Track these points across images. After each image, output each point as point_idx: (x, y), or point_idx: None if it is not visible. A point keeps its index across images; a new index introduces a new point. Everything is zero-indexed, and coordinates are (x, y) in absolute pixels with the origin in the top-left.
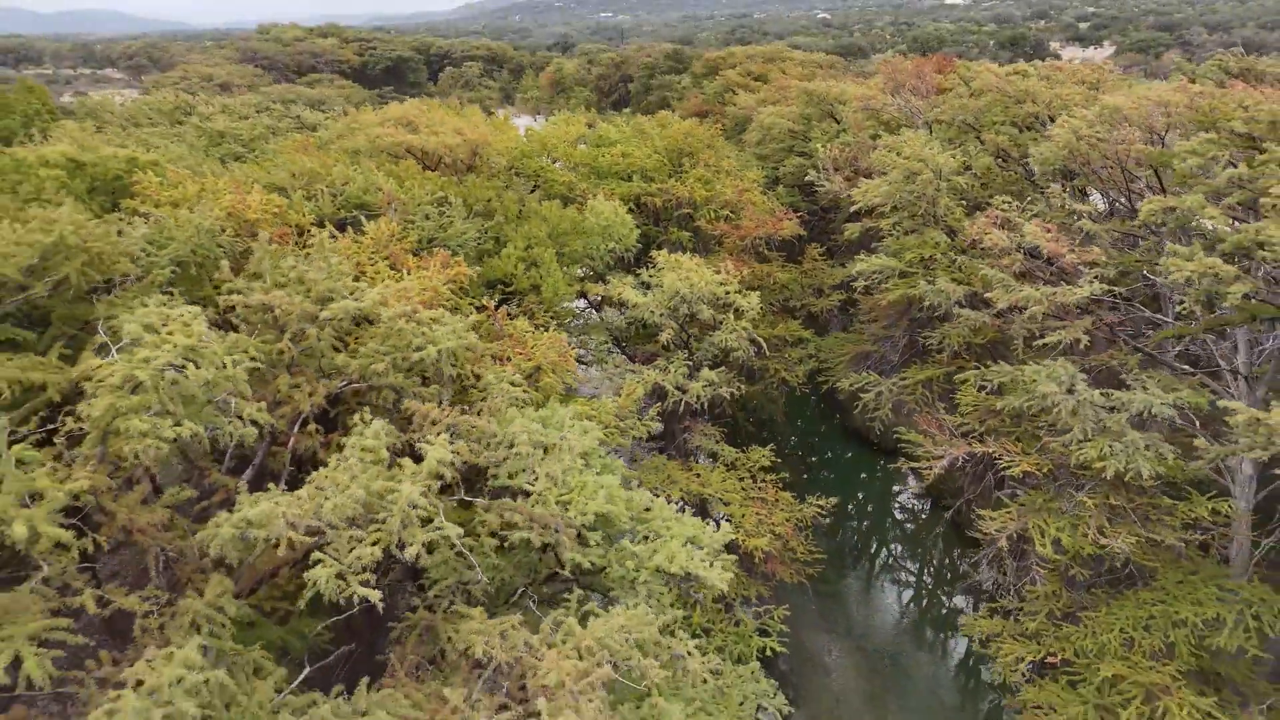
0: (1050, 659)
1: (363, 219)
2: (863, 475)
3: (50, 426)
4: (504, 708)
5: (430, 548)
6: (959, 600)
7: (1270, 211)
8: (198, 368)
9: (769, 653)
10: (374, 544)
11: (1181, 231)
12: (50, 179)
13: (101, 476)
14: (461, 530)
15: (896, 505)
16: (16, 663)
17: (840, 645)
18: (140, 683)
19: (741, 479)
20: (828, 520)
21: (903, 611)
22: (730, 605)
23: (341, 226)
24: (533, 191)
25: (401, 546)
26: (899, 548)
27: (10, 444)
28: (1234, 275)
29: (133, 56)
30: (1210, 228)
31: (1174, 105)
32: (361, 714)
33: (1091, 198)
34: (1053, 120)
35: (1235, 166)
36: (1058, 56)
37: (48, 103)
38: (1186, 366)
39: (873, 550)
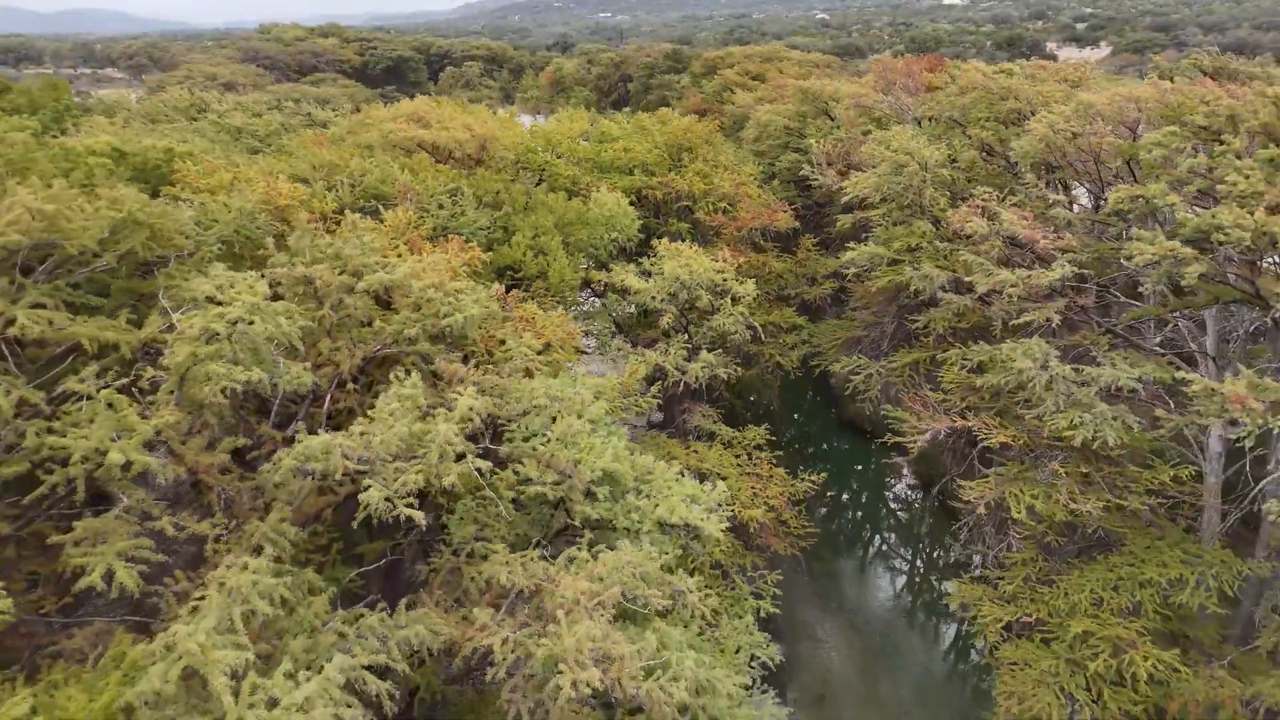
0: (1026, 619)
1: (380, 208)
2: (858, 466)
3: (124, 380)
4: (525, 625)
5: (451, 505)
6: (947, 575)
7: (1225, 198)
8: (263, 323)
9: (763, 614)
10: (417, 473)
11: (1152, 218)
12: (98, 167)
13: (180, 414)
14: (490, 464)
15: (890, 494)
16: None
17: (833, 620)
18: (222, 585)
19: (738, 456)
20: (824, 509)
21: (893, 587)
22: (727, 573)
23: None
24: (538, 184)
25: (439, 478)
26: (891, 529)
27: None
28: (1192, 257)
29: (133, 56)
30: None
31: (1145, 101)
32: (401, 627)
33: (1077, 192)
34: (1034, 115)
35: (1196, 156)
36: (1054, 57)
37: (70, 99)
38: (1157, 348)
39: (866, 532)
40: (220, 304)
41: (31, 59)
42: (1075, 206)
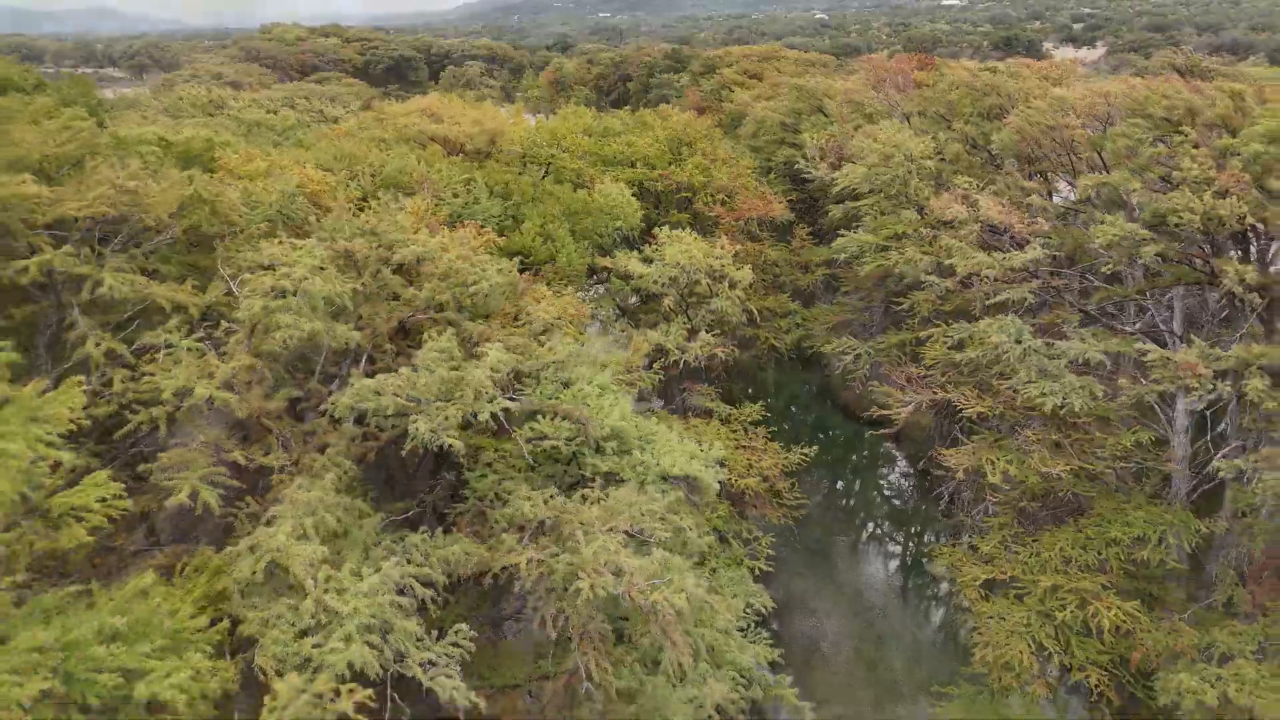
0: (1001, 576)
1: (399, 196)
2: (852, 455)
3: (196, 336)
4: (546, 549)
5: (471, 466)
6: (934, 547)
7: (1180, 184)
8: (323, 282)
9: (757, 573)
10: (456, 410)
11: (1119, 204)
12: (149, 154)
13: (252, 359)
14: (519, 404)
15: (882, 479)
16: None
17: (825, 591)
18: (293, 501)
19: (734, 432)
20: (820, 496)
21: (884, 561)
22: (724, 538)
23: None
24: (545, 176)
25: (475, 416)
26: (883, 510)
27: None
28: (1149, 238)
29: (134, 55)
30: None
31: (1114, 96)
32: (440, 547)
33: (1060, 186)
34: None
35: (1158, 146)
36: (1050, 57)
37: (97, 95)
38: (1129, 330)
39: (860, 514)
40: (284, 266)
41: (32, 58)
42: (1057, 198)
